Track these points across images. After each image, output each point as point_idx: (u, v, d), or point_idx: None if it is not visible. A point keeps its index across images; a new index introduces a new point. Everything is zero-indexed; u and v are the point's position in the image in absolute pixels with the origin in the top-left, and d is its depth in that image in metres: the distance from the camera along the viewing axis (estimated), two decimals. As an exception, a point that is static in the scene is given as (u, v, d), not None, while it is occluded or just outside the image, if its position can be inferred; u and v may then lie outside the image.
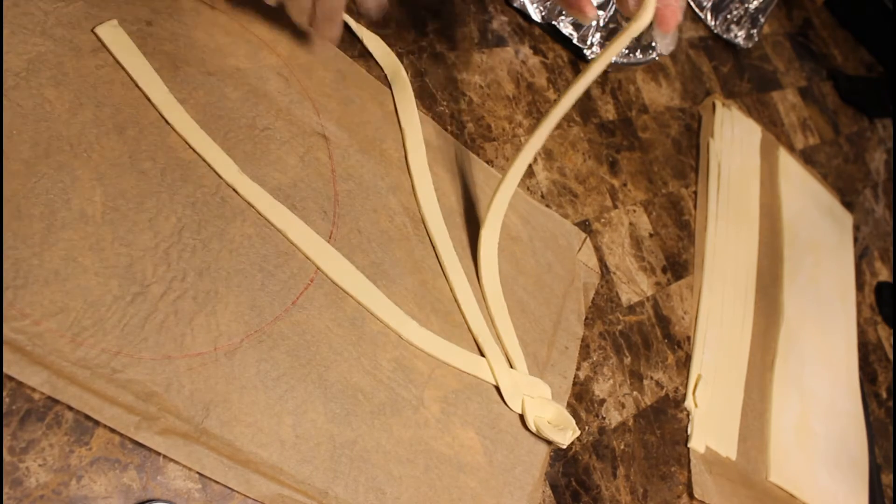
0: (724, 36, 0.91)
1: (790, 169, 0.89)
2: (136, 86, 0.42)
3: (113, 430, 0.34)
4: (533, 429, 0.48)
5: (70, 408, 0.33)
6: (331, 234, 0.46)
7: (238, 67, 0.46)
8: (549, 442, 0.49)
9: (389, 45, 0.55)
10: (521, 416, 0.49)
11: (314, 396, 0.41)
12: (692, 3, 0.89)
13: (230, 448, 0.37)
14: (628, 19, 0.41)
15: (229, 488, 0.36)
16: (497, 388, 0.48)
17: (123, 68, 0.42)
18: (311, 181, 0.46)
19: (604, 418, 0.54)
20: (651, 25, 0.42)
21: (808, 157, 0.95)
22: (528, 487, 0.47)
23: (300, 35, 0.51)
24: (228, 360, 0.39)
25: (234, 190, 0.42)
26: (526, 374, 0.50)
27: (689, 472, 0.58)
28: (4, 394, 0.32)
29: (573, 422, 0.50)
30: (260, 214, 0.43)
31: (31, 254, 0.35)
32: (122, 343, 0.36)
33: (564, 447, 0.50)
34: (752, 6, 0.92)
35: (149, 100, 0.42)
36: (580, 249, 0.59)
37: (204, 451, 0.35)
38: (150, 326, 0.37)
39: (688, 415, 0.61)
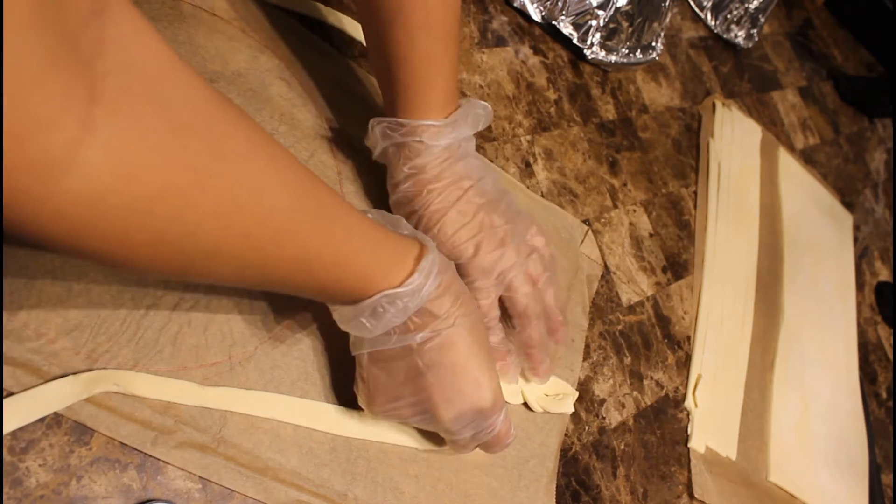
0: (724, 36, 0.91)
1: (790, 169, 0.89)
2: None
3: (113, 431, 0.34)
4: (539, 410, 0.49)
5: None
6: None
7: (239, 72, 0.46)
8: (559, 414, 0.50)
9: (389, 45, 0.55)
10: (526, 405, 0.49)
11: (330, 400, 0.41)
12: (692, 3, 0.89)
13: (249, 456, 0.37)
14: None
15: (230, 489, 0.36)
16: None
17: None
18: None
19: (604, 418, 0.54)
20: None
21: (808, 157, 0.95)
22: (544, 479, 0.47)
23: (300, 37, 0.51)
24: (243, 368, 0.39)
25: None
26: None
27: (689, 471, 0.58)
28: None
29: (569, 386, 0.51)
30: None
31: (45, 272, 0.34)
32: (137, 357, 0.36)
33: (571, 413, 0.50)
34: (752, 6, 0.92)
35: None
36: (582, 242, 0.59)
37: (221, 461, 0.35)
38: (165, 338, 0.37)
39: (688, 415, 0.61)
